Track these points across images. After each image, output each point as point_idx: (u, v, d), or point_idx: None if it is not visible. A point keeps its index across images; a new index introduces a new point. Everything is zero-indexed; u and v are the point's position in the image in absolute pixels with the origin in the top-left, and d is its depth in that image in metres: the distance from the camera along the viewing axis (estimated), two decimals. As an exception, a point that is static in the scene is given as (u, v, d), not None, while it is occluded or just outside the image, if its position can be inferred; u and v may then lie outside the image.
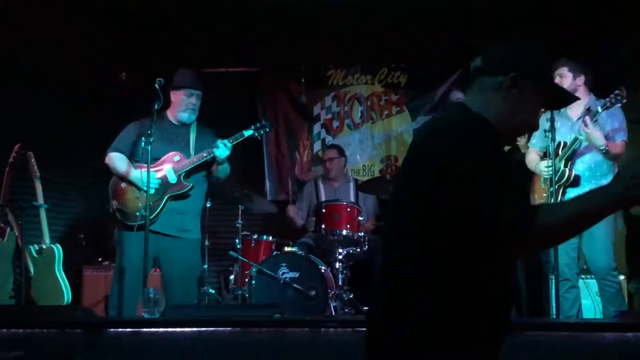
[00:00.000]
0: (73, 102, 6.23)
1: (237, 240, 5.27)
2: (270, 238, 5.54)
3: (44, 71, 5.76)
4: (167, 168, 4.46)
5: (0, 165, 5.10)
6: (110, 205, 4.59)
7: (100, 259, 6.21)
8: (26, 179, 5.24)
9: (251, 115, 6.68)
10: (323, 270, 5.00)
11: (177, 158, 4.50)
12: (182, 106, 4.53)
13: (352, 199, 5.75)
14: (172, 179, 4.45)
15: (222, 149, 4.43)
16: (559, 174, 4.45)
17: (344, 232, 5.22)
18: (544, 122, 4.33)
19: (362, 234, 5.29)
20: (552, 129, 4.26)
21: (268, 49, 6.75)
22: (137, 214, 4.35)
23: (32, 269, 5.07)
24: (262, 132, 4.69)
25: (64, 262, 5.16)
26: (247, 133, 4.57)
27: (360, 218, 5.35)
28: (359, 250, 5.28)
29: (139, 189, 4.44)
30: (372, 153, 6.89)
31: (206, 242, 5.56)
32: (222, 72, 6.82)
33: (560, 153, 4.50)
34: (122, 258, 4.42)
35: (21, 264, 4.96)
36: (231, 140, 4.48)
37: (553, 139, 4.27)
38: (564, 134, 4.58)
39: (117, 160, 4.53)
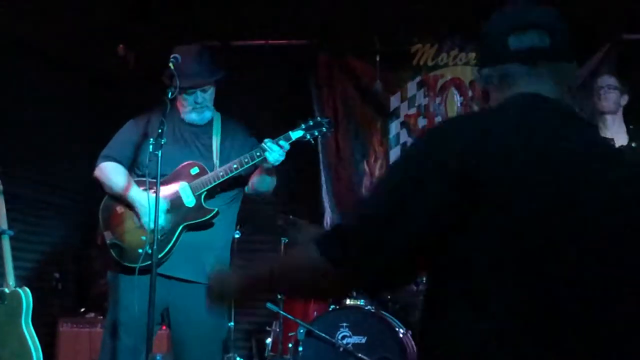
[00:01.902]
0: (55, 86, 6.36)
1: (277, 288, 5.27)
2: (326, 285, 5.53)
3: (16, 41, 5.89)
4: (182, 185, 4.43)
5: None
6: (98, 235, 4.58)
7: (82, 310, 6.27)
8: (-16, 194, 5.32)
9: (301, 107, 6.69)
10: (401, 335, 4.98)
11: (195, 170, 4.44)
12: (188, 107, 4.54)
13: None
14: (189, 201, 4.41)
15: (275, 152, 4.35)
16: None
17: (433, 279, 5.18)
18: None
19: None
20: None
21: (326, 13, 6.77)
22: (140, 250, 4.28)
23: (-12, 323, 5.12)
24: (316, 133, 4.57)
25: (33, 312, 5.16)
26: (296, 135, 4.47)
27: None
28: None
29: (142, 216, 4.41)
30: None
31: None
32: (259, 45, 6.88)
33: None
34: (118, 310, 4.37)
35: (-27, 314, 4.99)
36: (258, 154, 4.37)
37: None
38: None
39: (111, 172, 4.49)
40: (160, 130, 4.16)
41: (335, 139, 7.00)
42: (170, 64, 4.30)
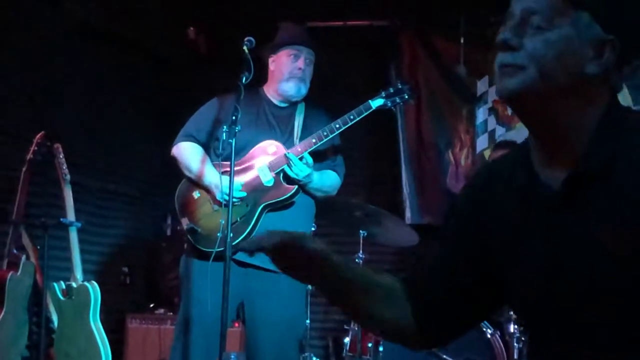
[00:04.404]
0: (123, 71, 6.43)
1: (356, 284, 5.26)
2: (407, 282, 5.51)
3: (81, 23, 5.97)
4: (259, 164, 4.48)
5: (14, 163, 5.23)
6: (167, 224, 4.59)
7: (152, 305, 6.37)
8: (51, 184, 5.39)
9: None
10: (489, 335, 4.97)
11: (272, 149, 4.50)
12: (286, 73, 4.56)
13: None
14: (268, 180, 4.46)
15: (296, 167, 4.38)
16: None
17: (524, 277, 5.09)
18: None
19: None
20: None
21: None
22: (219, 235, 4.30)
23: (55, 318, 5.17)
24: (398, 100, 4.63)
25: (101, 308, 5.22)
26: (376, 103, 4.53)
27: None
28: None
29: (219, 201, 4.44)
30: (568, 155, 6.70)
31: (308, 286, 5.55)
32: (337, 27, 6.88)
33: None
34: (190, 303, 4.42)
35: (40, 310, 5.03)
36: (338, 126, 4.43)
37: None
38: None
39: (190, 153, 4.57)
40: (234, 117, 4.18)
41: (417, 125, 6.95)
42: (244, 47, 4.32)
